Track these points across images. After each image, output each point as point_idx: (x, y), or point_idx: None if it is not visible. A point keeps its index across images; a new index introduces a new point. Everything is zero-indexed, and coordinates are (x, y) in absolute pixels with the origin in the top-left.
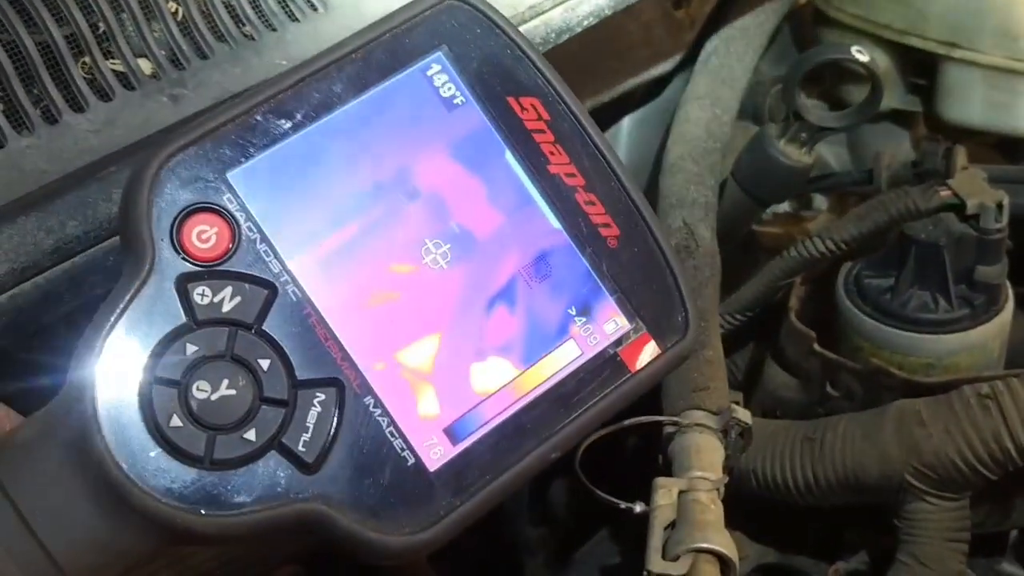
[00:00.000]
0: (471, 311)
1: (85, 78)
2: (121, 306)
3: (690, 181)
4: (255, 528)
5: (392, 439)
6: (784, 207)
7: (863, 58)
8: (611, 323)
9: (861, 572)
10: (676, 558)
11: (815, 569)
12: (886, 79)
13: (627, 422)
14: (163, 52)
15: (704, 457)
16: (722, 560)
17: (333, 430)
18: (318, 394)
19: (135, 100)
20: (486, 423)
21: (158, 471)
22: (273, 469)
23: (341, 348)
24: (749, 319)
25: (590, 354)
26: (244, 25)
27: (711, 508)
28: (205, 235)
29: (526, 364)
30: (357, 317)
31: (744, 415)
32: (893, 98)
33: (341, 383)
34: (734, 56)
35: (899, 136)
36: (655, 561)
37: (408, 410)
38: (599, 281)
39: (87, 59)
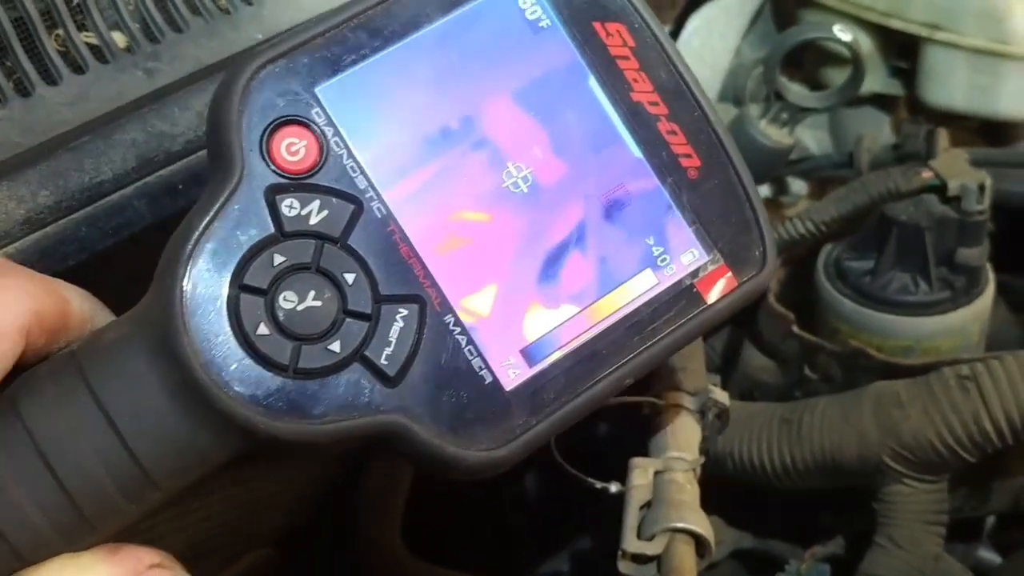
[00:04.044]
0: (550, 236)
1: (59, 51)
2: (210, 214)
3: None
4: (336, 437)
5: (471, 357)
6: (764, 193)
7: (845, 37)
8: (688, 254)
9: (837, 556)
10: (652, 538)
11: (792, 553)
12: (868, 62)
13: None
14: (137, 25)
15: (681, 437)
16: (698, 540)
17: (414, 345)
18: (401, 310)
19: (109, 73)
20: (562, 346)
21: (243, 377)
22: (356, 380)
23: (423, 266)
24: None
25: (666, 284)
26: None
27: (687, 488)
28: (294, 148)
29: (603, 291)
30: (440, 236)
31: (721, 396)
32: (875, 82)
33: (423, 300)
34: (715, 36)
35: (880, 120)
36: (630, 541)
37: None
38: (678, 211)
39: (60, 32)
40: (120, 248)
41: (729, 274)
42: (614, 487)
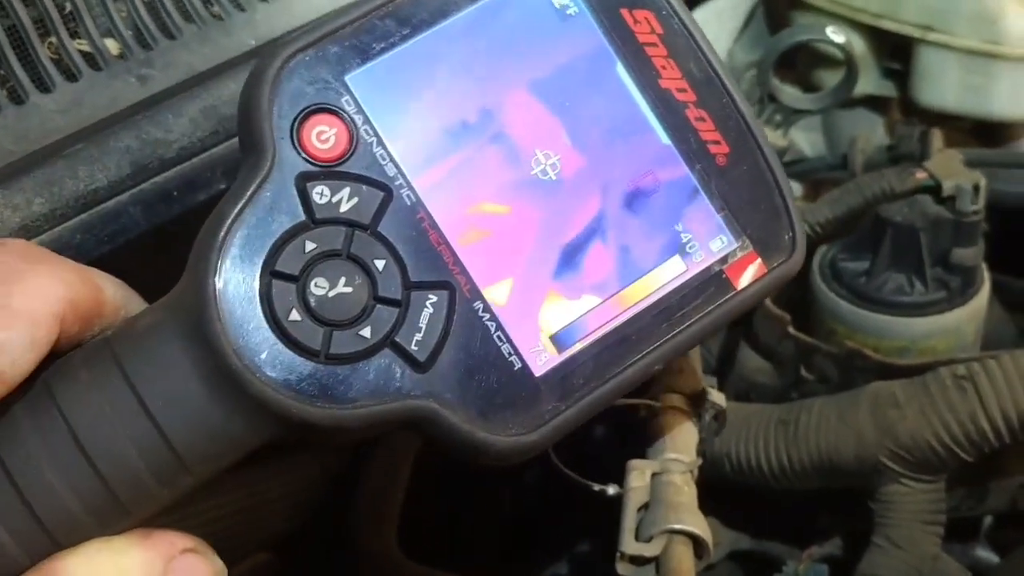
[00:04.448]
0: (577, 223)
1: (52, 58)
2: (242, 202)
3: None
4: (367, 421)
5: (500, 343)
6: None
7: (838, 38)
8: (717, 240)
9: (835, 557)
10: (650, 539)
11: (789, 554)
12: (861, 63)
13: None
14: (130, 32)
15: (678, 439)
16: (696, 541)
17: (444, 331)
18: (430, 296)
19: (102, 80)
20: (591, 333)
21: (276, 363)
22: (386, 365)
23: (452, 253)
24: None
25: (695, 270)
26: (212, 5)
27: (685, 490)
28: (324, 136)
29: (631, 278)
30: (469, 223)
31: (718, 397)
32: (868, 83)
33: (452, 286)
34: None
35: (873, 122)
36: (628, 543)
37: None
38: (707, 198)
39: (53, 39)
40: (115, 255)
41: (758, 260)
42: (612, 489)
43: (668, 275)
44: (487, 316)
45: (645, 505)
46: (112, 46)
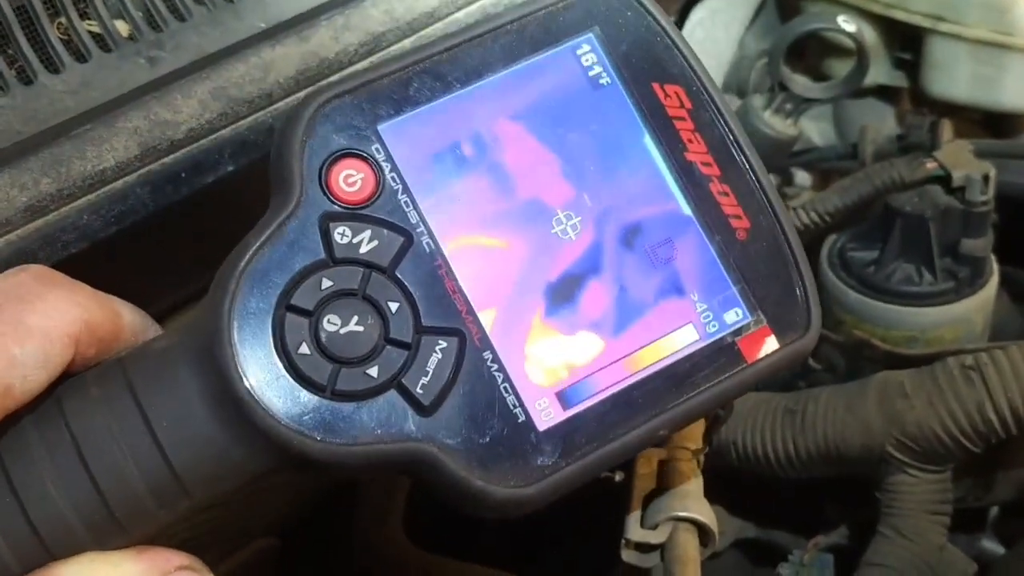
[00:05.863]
0: (594, 286)
1: (61, 39)
2: (266, 235)
3: None
4: (367, 460)
5: (505, 394)
6: None
7: (849, 27)
8: (732, 313)
9: (841, 546)
10: (655, 526)
11: (795, 543)
12: (872, 53)
13: None
14: (140, 13)
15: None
16: (701, 529)
17: (451, 377)
18: (440, 342)
19: (111, 62)
20: (598, 393)
21: (282, 394)
22: (390, 406)
23: (467, 302)
24: None
25: (707, 340)
26: None
27: (691, 478)
28: (351, 179)
29: (643, 342)
30: (485, 276)
31: None
32: (879, 73)
33: (463, 334)
34: (719, 28)
35: (884, 112)
36: (634, 529)
37: (524, 370)
38: (724, 271)
39: (63, 20)
40: (122, 236)
41: (772, 336)
42: (618, 476)
43: (680, 343)
44: (495, 367)
45: (651, 492)
46: (122, 27)
